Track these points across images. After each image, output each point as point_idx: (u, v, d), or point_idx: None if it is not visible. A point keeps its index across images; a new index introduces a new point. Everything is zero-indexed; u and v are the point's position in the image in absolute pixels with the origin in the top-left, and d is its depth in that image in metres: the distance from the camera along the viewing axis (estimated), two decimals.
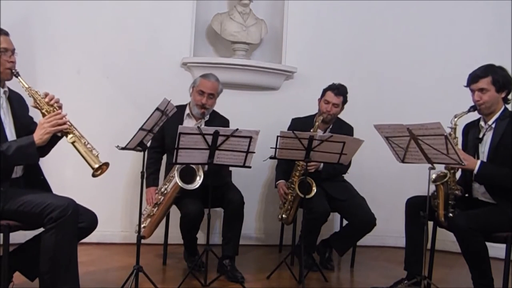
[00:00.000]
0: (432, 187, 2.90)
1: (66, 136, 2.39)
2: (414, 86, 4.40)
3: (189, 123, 3.43)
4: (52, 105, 2.43)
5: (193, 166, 3.07)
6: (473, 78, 2.90)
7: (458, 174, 3.02)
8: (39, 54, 3.79)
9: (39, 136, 2.34)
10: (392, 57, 4.40)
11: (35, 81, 3.63)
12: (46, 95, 2.45)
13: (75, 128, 2.42)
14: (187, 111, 3.48)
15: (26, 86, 2.42)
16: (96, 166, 2.33)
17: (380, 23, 4.40)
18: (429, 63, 4.38)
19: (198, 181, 3.06)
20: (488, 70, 2.87)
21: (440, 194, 2.88)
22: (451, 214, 2.87)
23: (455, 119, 2.90)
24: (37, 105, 2.43)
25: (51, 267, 2.30)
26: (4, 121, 2.42)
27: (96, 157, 2.37)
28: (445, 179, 2.86)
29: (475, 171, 2.82)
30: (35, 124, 2.62)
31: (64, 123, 2.38)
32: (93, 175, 2.35)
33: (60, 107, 2.46)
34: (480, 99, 2.88)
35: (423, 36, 4.39)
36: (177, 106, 3.34)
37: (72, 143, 2.38)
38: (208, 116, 3.44)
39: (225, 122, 3.51)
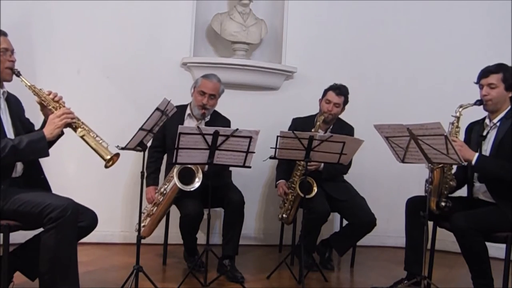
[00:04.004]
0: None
1: (75, 131, 2.43)
2: (414, 86, 4.41)
3: (190, 124, 3.42)
4: (57, 101, 2.47)
5: (193, 167, 3.07)
6: (485, 73, 2.92)
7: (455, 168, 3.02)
8: (39, 54, 3.78)
9: (49, 131, 2.38)
10: (392, 57, 4.40)
11: (35, 81, 3.60)
12: (50, 93, 2.49)
13: (83, 123, 2.46)
14: (188, 111, 3.48)
15: (29, 84, 2.45)
16: (108, 157, 2.37)
17: (380, 23, 4.40)
18: (429, 63, 4.38)
19: (197, 182, 3.06)
20: (500, 68, 2.89)
21: (434, 179, 2.87)
22: (443, 204, 2.89)
23: (460, 109, 2.91)
24: (42, 102, 2.46)
25: (51, 267, 2.30)
26: (3, 121, 2.43)
27: (106, 149, 2.41)
28: (441, 165, 2.85)
29: (473, 163, 2.81)
30: (32, 125, 2.64)
31: (73, 118, 2.43)
32: (106, 166, 2.39)
33: (64, 103, 2.50)
34: (488, 94, 2.89)
35: (423, 36, 4.39)
36: (178, 106, 3.35)
37: (82, 136, 2.42)
38: (209, 117, 3.44)
39: (226, 123, 3.50)
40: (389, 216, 3.97)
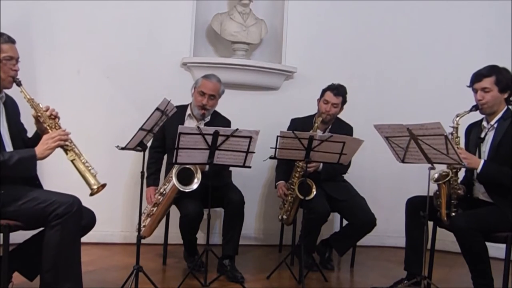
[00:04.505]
0: (434, 187, 2.90)
1: (66, 154, 2.42)
2: (414, 86, 4.41)
3: (190, 124, 3.42)
4: (53, 119, 2.47)
5: (191, 167, 3.07)
6: (477, 77, 2.91)
7: (461, 174, 3.02)
8: (39, 54, 3.78)
9: (41, 151, 2.37)
10: (392, 57, 4.40)
11: (35, 81, 3.66)
12: (48, 109, 2.48)
13: (75, 146, 2.45)
14: (188, 111, 3.47)
15: (28, 97, 2.45)
16: (95, 187, 2.38)
17: (380, 23, 4.40)
18: (429, 63, 4.38)
19: (195, 183, 3.06)
20: (492, 70, 2.88)
21: (442, 194, 2.87)
22: (453, 214, 2.87)
23: (457, 119, 2.90)
24: (38, 117, 2.45)
25: (54, 265, 2.31)
26: (0, 126, 2.44)
27: (94, 177, 2.40)
28: (447, 178, 2.86)
29: (478, 171, 2.82)
30: (24, 131, 2.64)
31: (66, 140, 2.42)
32: (90, 194, 2.39)
33: (58, 119, 2.50)
34: (482, 98, 2.88)
35: (423, 36, 4.39)
36: (178, 106, 3.35)
37: (72, 161, 2.41)
38: (209, 117, 3.44)
39: (226, 123, 3.49)
40: (389, 216, 3.96)
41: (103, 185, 2.41)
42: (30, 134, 2.66)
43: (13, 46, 2.44)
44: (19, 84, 2.44)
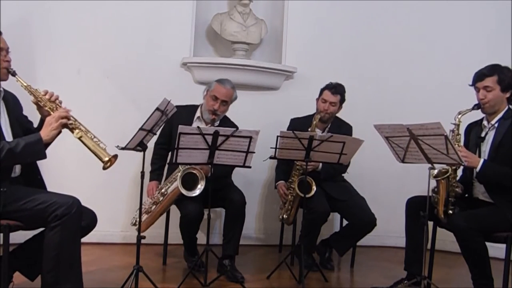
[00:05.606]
0: (433, 184, 2.90)
1: (72, 132, 2.42)
2: (414, 86, 4.41)
3: None
4: (54, 102, 2.47)
5: (197, 173, 3.06)
6: (479, 76, 2.91)
7: (460, 172, 3.02)
8: (39, 54, 3.79)
9: (46, 133, 2.37)
10: (392, 57, 4.40)
11: (35, 81, 3.60)
12: (46, 92, 2.48)
13: (80, 123, 2.45)
14: (198, 113, 3.45)
15: (25, 84, 2.44)
16: (106, 159, 2.37)
17: (380, 23, 4.40)
18: (429, 63, 4.38)
19: (198, 189, 3.05)
20: (494, 69, 2.88)
21: (440, 190, 2.87)
22: (450, 211, 2.88)
23: (459, 116, 2.90)
24: (39, 102, 2.46)
25: (55, 265, 2.31)
26: (1, 121, 2.43)
27: (104, 150, 2.40)
28: (447, 175, 2.86)
29: (477, 169, 2.82)
30: (30, 123, 2.64)
31: (68, 118, 2.41)
32: (103, 168, 2.39)
33: (60, 103, 2.49)
34: (484, 97, 2.88)
35: (423, 36, 4.39)
36: (188, 106, 3.38)
37: (79, 138, 2.41)
38: (218, 122, 3.42)
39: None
40: (389, 216, 3.96)
41: (115, 156, 2.40)
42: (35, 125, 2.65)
43: (0, 37, 2.43)
44: (14, 74, 2.43)
